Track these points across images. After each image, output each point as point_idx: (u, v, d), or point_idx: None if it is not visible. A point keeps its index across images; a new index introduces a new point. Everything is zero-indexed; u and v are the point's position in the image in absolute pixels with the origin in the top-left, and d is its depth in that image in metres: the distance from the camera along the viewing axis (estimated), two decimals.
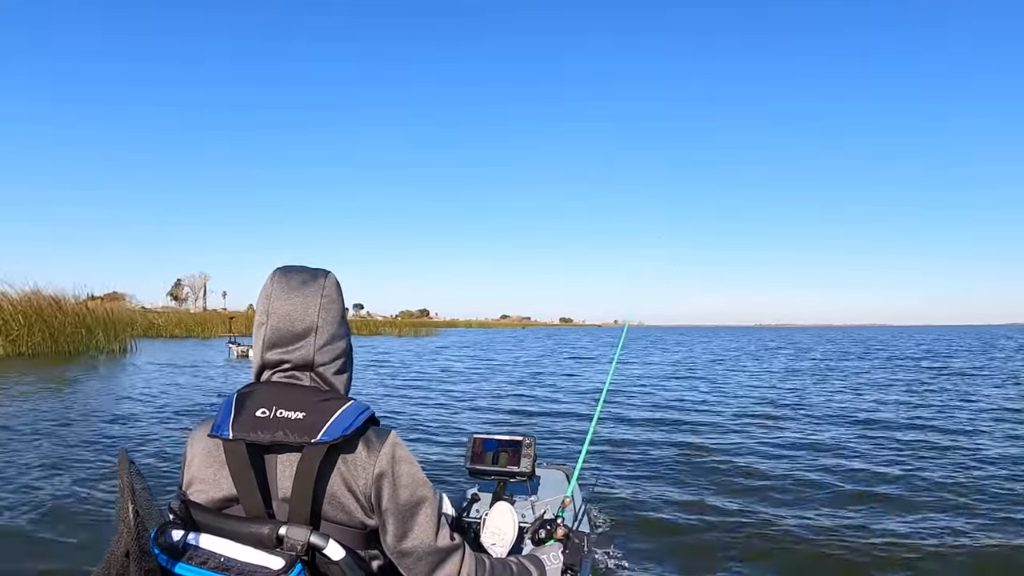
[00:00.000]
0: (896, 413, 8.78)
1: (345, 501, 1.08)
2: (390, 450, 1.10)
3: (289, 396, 1.09)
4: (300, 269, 1.19)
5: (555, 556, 1.54)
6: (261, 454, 1.09)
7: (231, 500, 1.10)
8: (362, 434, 1.09)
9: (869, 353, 25.94)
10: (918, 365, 18.34)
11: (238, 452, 1.06)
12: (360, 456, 1.08)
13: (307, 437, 1.03)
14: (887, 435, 7.06)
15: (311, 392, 1.11)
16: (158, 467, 5.15)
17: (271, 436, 1.04)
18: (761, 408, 9.31)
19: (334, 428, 1.04)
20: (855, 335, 69.44)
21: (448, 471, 5.18)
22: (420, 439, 6.67)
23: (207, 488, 1.11)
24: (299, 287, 1.15)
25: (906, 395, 10.95)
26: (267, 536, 1.01)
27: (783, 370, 16.83)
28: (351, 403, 1.10)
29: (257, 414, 1.07)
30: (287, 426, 1.05)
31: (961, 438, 6.83)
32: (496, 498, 2.20)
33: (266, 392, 1.11)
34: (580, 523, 2.37)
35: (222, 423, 1.08)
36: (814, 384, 13.03)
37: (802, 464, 5.62)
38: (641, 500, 4.43)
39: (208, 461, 1.12)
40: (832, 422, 8.05)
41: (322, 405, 1.08)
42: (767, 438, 6.90)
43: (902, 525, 3.96)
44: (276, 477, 1.09)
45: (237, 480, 1.07)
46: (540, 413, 8.82)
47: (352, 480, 1.07)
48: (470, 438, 2.29)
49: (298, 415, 1.06)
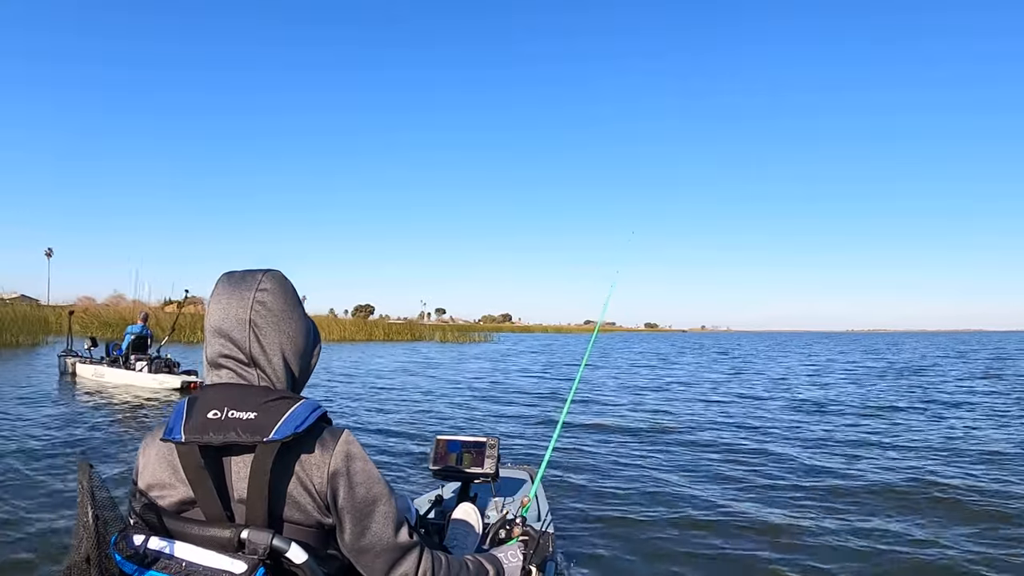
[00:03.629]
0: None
1: (301, 500, 1.08)
2: (344, 448, 1.10)
3: (240, 397, 1.10)
4: (241, 271, 1.20)
5: (513, 555, 1.57)
6: (215, 456, 1.08)
7: (188, 503, 1.10)
8: (315, 433, 1.10)
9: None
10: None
11: (192, 455, 1.06)
12: (315, 455, 1.08)
13: (259, 436, 1.03)
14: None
15: (262, 392, 1.11)
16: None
17: (223, 437, 1.04)
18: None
19: (286, 426, 1.04)
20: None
21: (412, 472, 5.18)
22: (383, 440, 6.64)
23: (164, 493, 1.11)
24: (236, 286, 1.16)
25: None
26: (228, 540, 1.01)
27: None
28: (302, 402, 1.10)
29: (209, 416, 1.06)
30: (239, 426, 1.05)
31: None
32: (460, 499, 2.23)
33: (217, 394, 1.11)
34: (545, 523, 2.40)
35: (174, 426, 1.07)
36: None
37: (760, 458, 5.79)
38: (606, 500, 4.50)
39: (162, 466, 1.11)
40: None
41: (273, 404, 1.08)
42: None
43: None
44: (231, 479, 1.08)
45: (193, 483, 1.07)
46: (507, 417, 8.85)
47: (307, 479, 1.08)
48: (434, 439, 2.31)
49: (250, 415, 1.06)
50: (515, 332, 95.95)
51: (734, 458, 5.99)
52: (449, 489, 2.60)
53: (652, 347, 36.82)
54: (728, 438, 7.05)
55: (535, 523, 2.24)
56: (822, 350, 35.94)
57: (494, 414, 8.88)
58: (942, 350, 35.30)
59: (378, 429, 7.39)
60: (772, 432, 7.48)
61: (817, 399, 10.96)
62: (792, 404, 10.28)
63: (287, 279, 1.22)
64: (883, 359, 24.73)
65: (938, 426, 7.90)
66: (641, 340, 62.83)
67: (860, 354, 29.84)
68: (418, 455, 5.82)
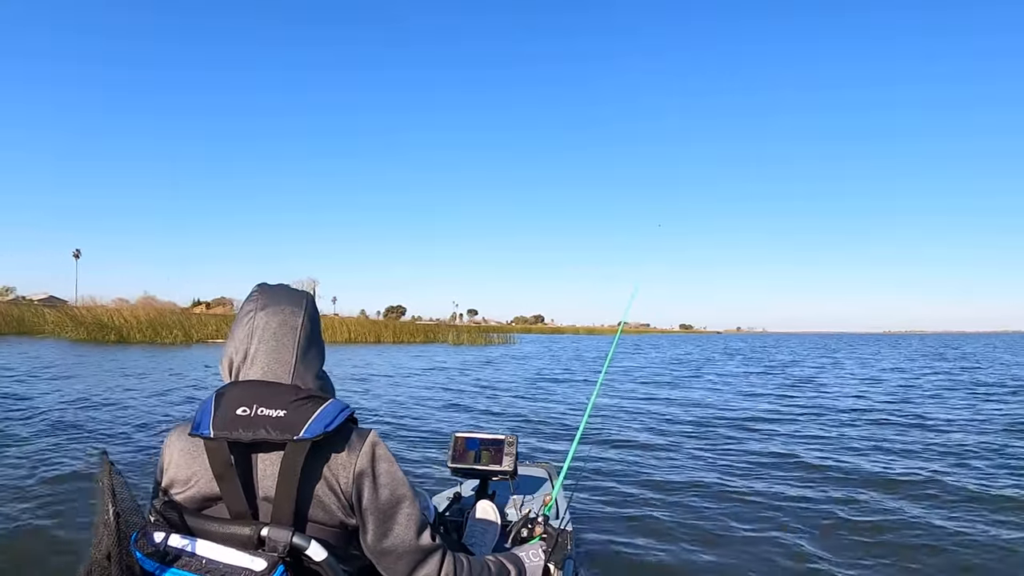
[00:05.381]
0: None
1: (326, 500, 1.08)
2: (370, 449, 1.11)
3: (269, 394, 1.10)
4: (286, 287, 1.27)
5: (535, 554, 1.55)
6: (244, 453, 1.09)
7: (212, 500, 1.10)
8: (343, 433, 1.10)
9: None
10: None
11: (220, 451, 1.06)
12: (342, 455, 1.09)
13: (289, 434, 1.04)
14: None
15: (291, 390, 1.12)
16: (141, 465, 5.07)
17: (253, 434, 1.04)
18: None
19: (316, 424, 1.05)
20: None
21: (431, 469, 5.18)
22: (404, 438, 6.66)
23: (188, 489, 1.11)
24: (289, 296, 1.23)
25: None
26: (248, 537, 1.02)
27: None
28: (331, 401, 1.11)
29: (238, 412, 1.07)
30: (269, 423, 1.05)
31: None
32: (478, 497, 2.22)
33: (245, 390, 1.11)
34: (564, 522, 2.39)
35: (202, 422, 1.07)
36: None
37: (784, 470, 5.71)
38: (629, 499, 4.45)
39: (188, 462, 1.12)
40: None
41: (303, 403, 1.09)
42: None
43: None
44: (258, 476, 1.09)
45: (220, 480, 1.07)
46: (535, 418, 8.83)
47: (333, 479, 1.08)
48: (452, 437, 2.31)
49: (279, 412, 1.06)
50: (545, 333, 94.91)
51: (804, 478, 5.19)
52: (468, 487, 2.59)
53: (704, 353, 31.27)
54: (798, 451, 6.12)
55: (554, 521, 2.22)
56: (889, 355, 30.04)
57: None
58: (1012, 352, 32.05)
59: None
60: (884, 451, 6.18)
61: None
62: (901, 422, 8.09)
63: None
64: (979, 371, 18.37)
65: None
66: (676, 342, 59.49)
67: (933, 360, 24.56)
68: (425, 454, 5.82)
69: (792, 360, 24.28)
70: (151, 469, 1.52)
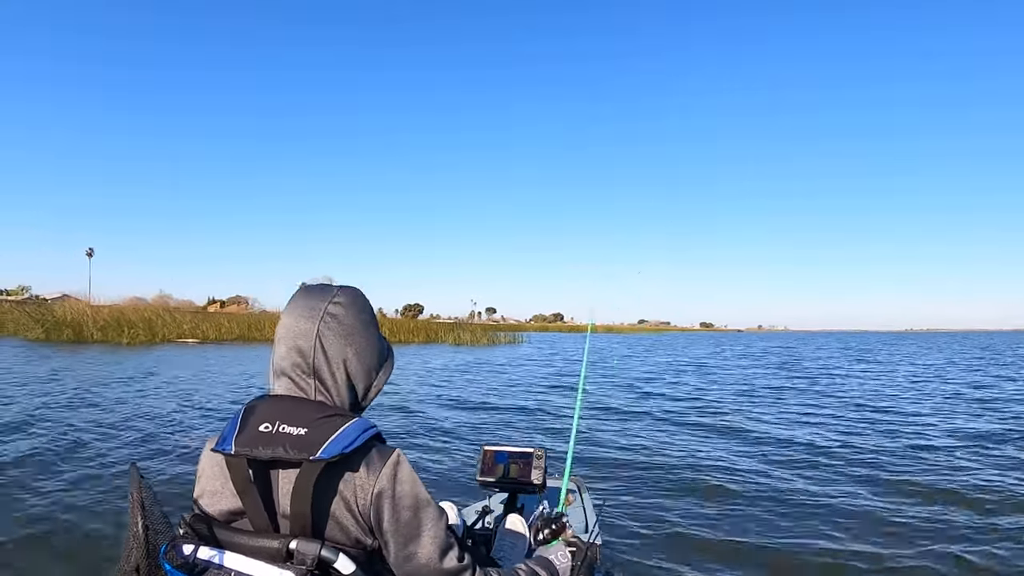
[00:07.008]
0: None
1: (343, 521, 1.06)
2: (391, 470, 1.07)
3: (294, 410, 1.08)
4: (319, 284, 1.21)
5: (563, 555, 1.52)
6: (264, 469, 1.08)
7: (237, 513, 1.10)
8: (365, 452, 1.07)
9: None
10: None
11: (240, 467, 1.06)
12: (360, 475, 1.06)
13: (306, 454, 1.02)
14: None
15: (316, 407, 1.09)
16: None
17: (271, 452, 1.03)
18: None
19: (334, 445, 1.02)
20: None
21: (460, 482, 5.15)
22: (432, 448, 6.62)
23: (215, 501, 1.12)
24: (310, 297, 1.18)
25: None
26: (277, 550, 1.01)
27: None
28: (355, 420, 1.08)
29: (260, 429, 1.06)
30: (288, 441, 1.03)
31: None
32: (507, 510, 2.19)
33: (271, 406, 1.10)
34: (593, 535, 2.36)
35: (227, 437, 1.07)
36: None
37: (827, 466, 5.55)
38: (659, 513, 4.36)
39: (215, 474, 1.13)
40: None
41: (326, 421, 1.06)
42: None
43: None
44: (278, 493, 1.08)
45: (241, 495, 1.07)
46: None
47: (351, 499, 1.06)
48: (481, 449, 2.29)
49: (300, 431, 1.04)
50: (562, 332, 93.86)
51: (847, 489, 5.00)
52: (496, 500, 2.57)
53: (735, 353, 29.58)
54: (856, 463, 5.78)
55: (583, 534, 2.19)
56: (928, 357, 27.21)
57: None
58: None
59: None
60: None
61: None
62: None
63: (363, 297, 1.23)
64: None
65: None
66: (697, 340, 57.93)
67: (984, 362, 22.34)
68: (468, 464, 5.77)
69: (908, 366, 20.36)
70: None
